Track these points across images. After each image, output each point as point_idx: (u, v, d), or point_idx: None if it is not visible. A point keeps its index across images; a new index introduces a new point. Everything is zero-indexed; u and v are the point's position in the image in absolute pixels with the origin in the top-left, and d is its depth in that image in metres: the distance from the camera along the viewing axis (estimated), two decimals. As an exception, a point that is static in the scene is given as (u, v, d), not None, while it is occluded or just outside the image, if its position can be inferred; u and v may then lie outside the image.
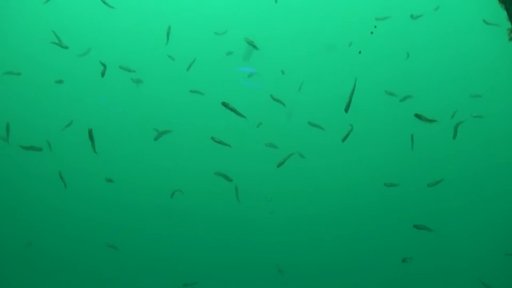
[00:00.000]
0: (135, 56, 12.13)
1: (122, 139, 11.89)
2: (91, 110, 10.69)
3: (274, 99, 8.99)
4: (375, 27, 11.41)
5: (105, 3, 8.76)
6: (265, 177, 11.91)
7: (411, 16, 10.01)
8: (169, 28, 9.02)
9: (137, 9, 12.66)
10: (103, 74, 7.56)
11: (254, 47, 8.69)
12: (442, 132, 10.60)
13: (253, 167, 11.72)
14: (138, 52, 12.51)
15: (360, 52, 11.99)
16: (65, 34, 10.18)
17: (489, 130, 11.14)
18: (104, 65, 7.58)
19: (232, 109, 5.83)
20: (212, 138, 6.65)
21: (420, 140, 9.94)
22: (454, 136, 7.99)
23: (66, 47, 8.64)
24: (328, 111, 11.99)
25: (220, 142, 6.68)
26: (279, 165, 7.01)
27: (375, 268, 11.11)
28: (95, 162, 11.32)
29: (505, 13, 5.14)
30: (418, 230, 7.56)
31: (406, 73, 12.16)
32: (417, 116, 5.40)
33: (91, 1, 11.50)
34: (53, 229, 10.70)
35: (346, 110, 4.88)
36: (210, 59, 12.41)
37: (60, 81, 9.90)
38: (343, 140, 5.99)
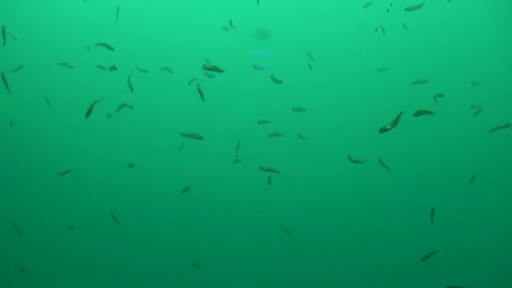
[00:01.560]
0: (151, 45, 12.31)
1: (140, 126, 12.13)
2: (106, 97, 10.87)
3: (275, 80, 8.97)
4: (391, 4, 11.09)
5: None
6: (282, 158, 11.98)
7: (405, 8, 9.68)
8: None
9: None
10: (111, 69, 7.70)
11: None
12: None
13: (267, 151, 11.77)
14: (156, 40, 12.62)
15: (376, 30, 11.69)
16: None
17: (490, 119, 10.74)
18: (115, 67, 7.72)
19: (212, 68, 5.96)
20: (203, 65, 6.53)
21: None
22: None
23: (111, 48, 8.75)
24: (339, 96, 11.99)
25: (213, 68, 6.48)
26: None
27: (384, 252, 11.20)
28: (115, 148, 11.76)
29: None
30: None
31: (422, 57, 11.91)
32: (418, 113, 5.12)
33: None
34: (62, 214, 11.11)
35: (381, 131, 4.64)
36: (226, 42, 12.39)
37: (101, 67, 9.98)
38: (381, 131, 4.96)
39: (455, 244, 10.75)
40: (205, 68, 6.15)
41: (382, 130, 4.52)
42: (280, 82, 9.16)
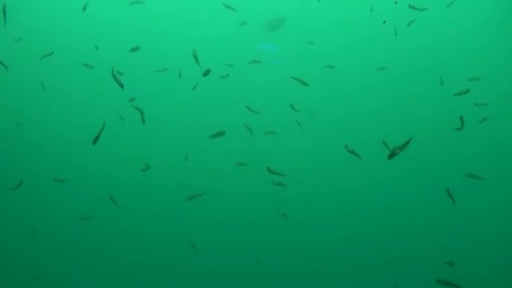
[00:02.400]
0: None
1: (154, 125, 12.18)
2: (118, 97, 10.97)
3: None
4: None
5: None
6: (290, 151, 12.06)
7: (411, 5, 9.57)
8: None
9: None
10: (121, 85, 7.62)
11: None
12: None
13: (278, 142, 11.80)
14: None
15: (384, 22, 11.62)
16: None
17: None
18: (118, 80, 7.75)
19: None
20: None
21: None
22: None
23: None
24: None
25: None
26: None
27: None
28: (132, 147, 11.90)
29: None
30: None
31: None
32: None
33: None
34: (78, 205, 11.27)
35: (390, 158, 4.57)
36: (228, 33, 12.34)
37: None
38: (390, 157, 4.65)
39: (458, 240, 10.83)
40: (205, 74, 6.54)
41: (391, 156, 4.44)
42: (307, 84, 9.19)
